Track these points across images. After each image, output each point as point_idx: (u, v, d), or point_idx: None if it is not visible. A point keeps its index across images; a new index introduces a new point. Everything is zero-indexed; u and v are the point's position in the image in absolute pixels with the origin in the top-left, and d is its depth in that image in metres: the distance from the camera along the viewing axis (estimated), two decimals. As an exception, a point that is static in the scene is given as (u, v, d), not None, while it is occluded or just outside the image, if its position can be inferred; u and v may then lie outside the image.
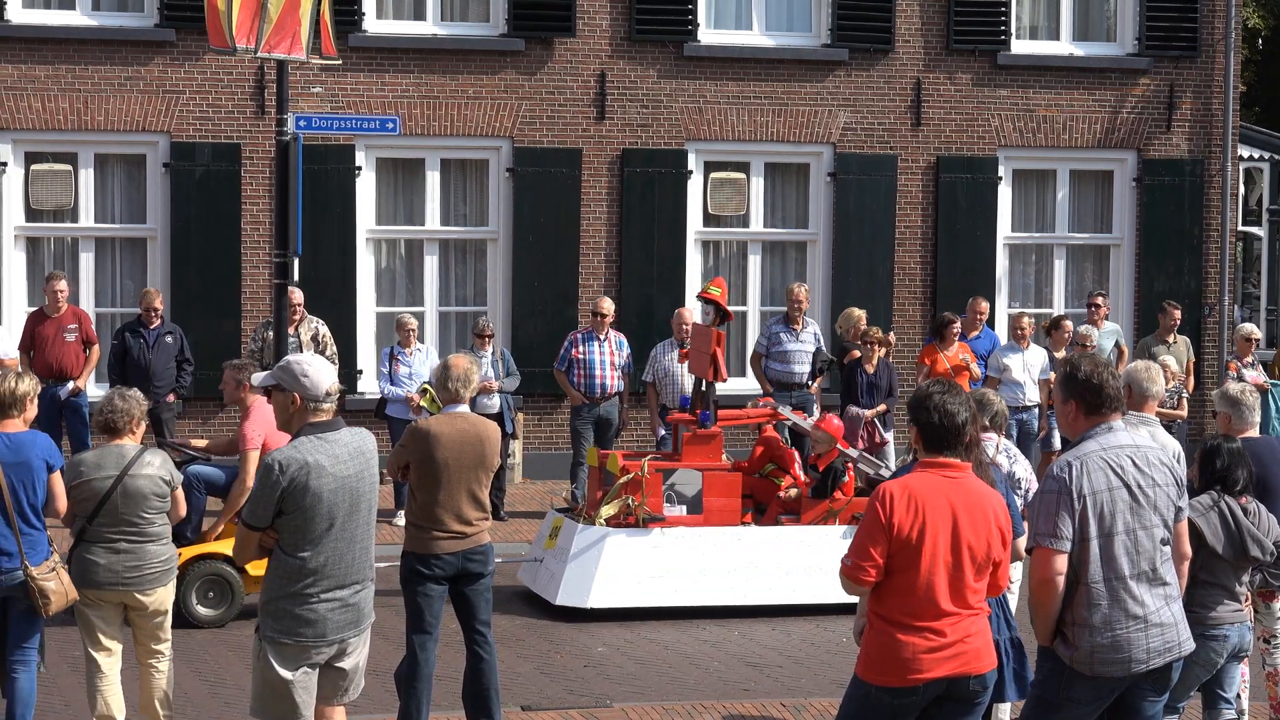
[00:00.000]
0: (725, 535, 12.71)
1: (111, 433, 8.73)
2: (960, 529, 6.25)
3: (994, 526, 6.33)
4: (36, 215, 17.47)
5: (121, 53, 17.31)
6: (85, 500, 8.55)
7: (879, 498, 6.26)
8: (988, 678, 6.36)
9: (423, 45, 17.93)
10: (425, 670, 8.77)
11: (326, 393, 6.96)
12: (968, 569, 6.25)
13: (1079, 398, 6.60)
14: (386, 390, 15.78)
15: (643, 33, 18.23)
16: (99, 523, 8.53)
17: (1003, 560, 6.40)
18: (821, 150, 18.81)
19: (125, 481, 8.52)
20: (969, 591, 6.27)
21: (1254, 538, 8.42)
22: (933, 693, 6.26)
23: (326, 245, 17.51)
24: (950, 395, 6.42)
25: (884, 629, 6.27)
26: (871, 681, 6.30)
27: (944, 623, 6.22)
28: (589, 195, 18.29)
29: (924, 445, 6.41)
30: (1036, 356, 16.64)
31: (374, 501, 7.14)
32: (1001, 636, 7.34)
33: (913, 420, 6.44)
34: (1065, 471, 6.44)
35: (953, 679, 6.25)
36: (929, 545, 6.20)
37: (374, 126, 14.90)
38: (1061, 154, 19.43)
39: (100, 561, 8.53)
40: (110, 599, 8.61)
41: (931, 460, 6.38)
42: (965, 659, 6.26)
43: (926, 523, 6.21)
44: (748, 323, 18.80)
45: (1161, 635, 6.46)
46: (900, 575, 6.22)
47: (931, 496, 6.26)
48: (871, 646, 6.33)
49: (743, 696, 10.43)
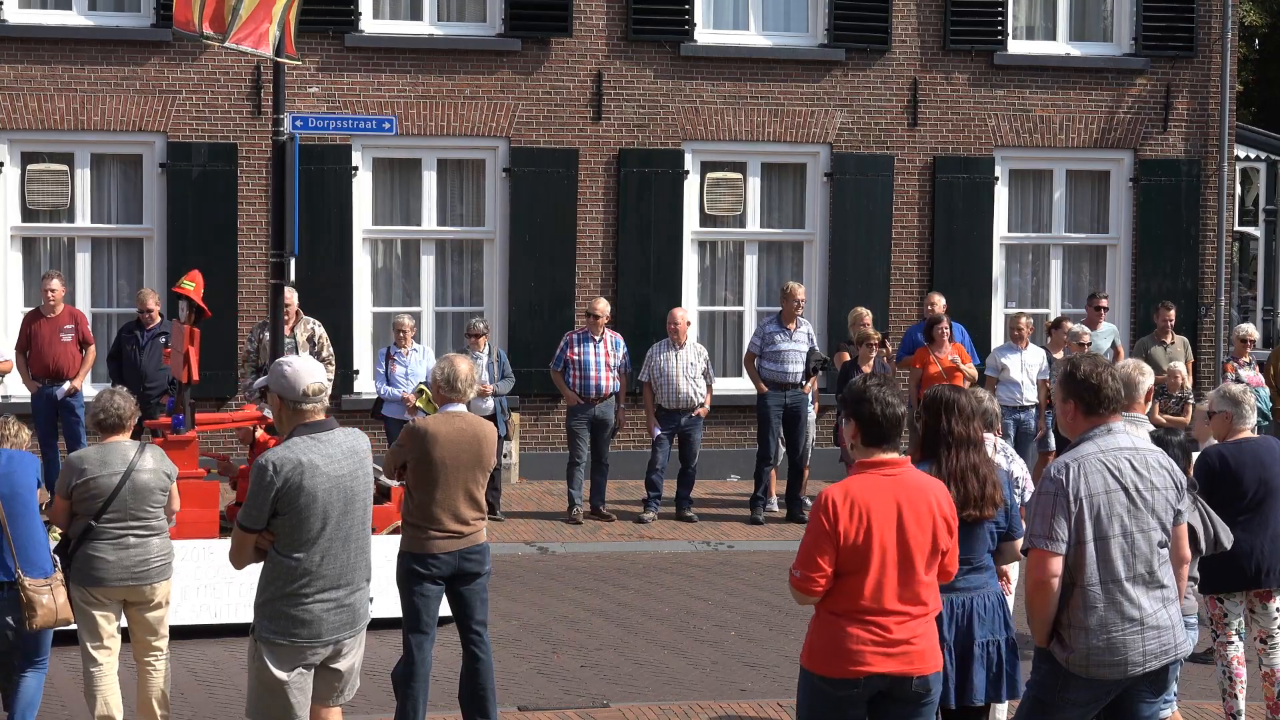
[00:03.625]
0: (196, 549, 11.64)
1: (110, 430, 8.79)
2: (906, 525, 6.29)
3: (938, 516, 6.38)
4: (33, 215, 17.46)
5: (118, 53, 17.30)
6: (92, 498, 8.58)
7: (822, 507, 6.28)
8: (931, 679, 6.38)
9: (419, 45, 17.92)
10: (422, 670, 8.76)
11: (304, 392, 6.94)
12: (917, 564, 6.30)
13: (1077, 397, 6.60)
14: (382, 390, 15.77)
15: (639, 33, 18.23)
16: (107, 519, 8.57)
17: (950, 548, 6.45)
18: (818, 150, 18.81)
19: (133, 477, 8.62)
20: (919, 586, 6.31)
21: (1223, 529, 8.51)
22: (874, 688, 6.28)
23: (323, 245, 17.50)
24: (888, 388, 6.45)
25: (829, 619, 6.31)
26: (813, 671, 6.36)
27: (891, 619, 6.26)
28: (585, 195, 18.29)
29: (863, 440, 6.41)
30: (1035, 356, 16.64)
31: (368, 501, 7.13)
32: (999, 637, 7.34)
33: (852, 415, 6.42)
34: (1062, 473, 6.43)
35: (895, 678, 6.28)
36: (876, 547, 6.24)
37: (370, 126, 14.88)
38: (1058, 154, 19.44)
39: (109, 558, 8.57)
40: (116, 595, 8.66)
41: (869, 460, 6.40)
42: (909, 659, 6.29)
43: (872, 525, 6.24)
44: (744, 323, 18.80)
45: (1158, 638, 6.46)
46: (850, 577, 6.27)
47: (874, 498, 6.29)
48: (815, 637, 6.37)
49: (739, 697, 10.43)
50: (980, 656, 7.28)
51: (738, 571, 14.43)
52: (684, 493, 16.39)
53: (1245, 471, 9.18)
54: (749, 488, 17.00)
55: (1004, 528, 7.40)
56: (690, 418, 16.18)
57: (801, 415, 16.43)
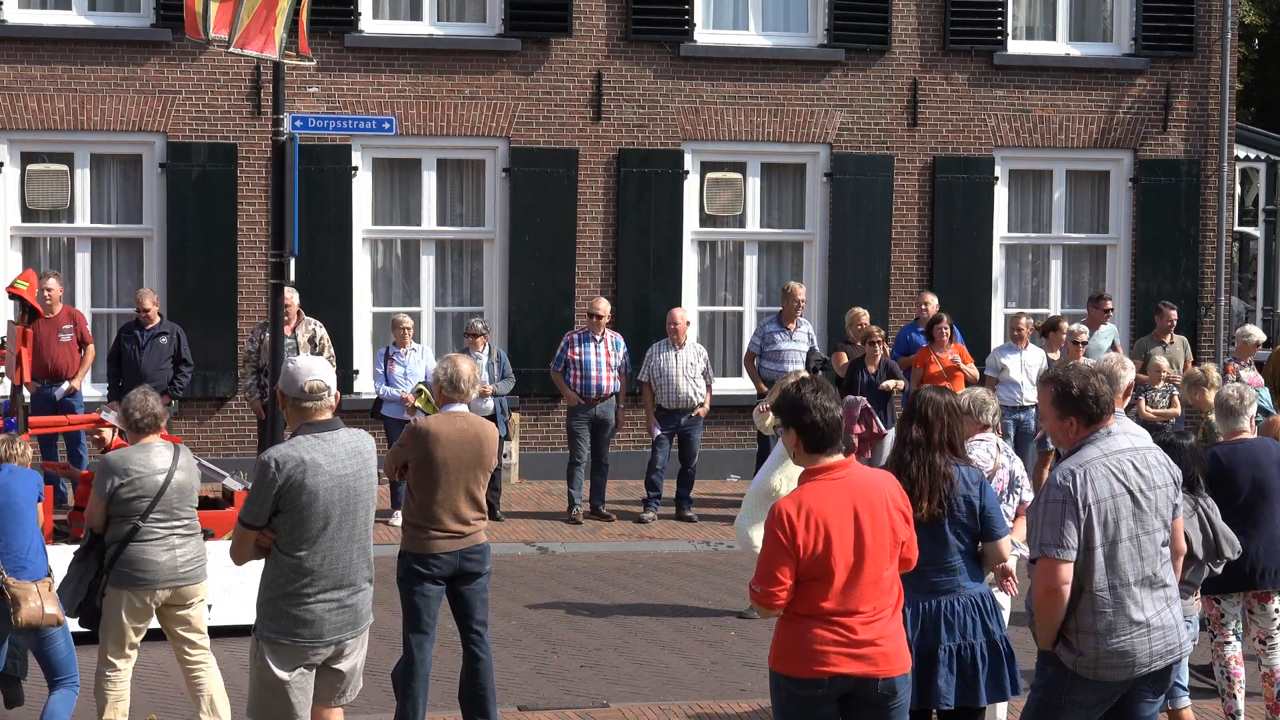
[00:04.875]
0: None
1: (146, 431, 8.72)
2: (863, 526, 6.31)
3: (893, 509, 6.41)
4: (32, 215, 17.45)
5: (118, 53, 17.29)
6: (140, 498, 8.53)
7: (777, 521, 6.26)
8: (897, 681, 6.38)
9: (419, 45, 17.91)
10: (422, 670, 8.77)
11: (302, 388, 6.94)
12: (880, 561, 6.33)
13: (1079, 412, 6.52)
14: (382, 390, 15.77)
15: (639, 33, 18.23)
16: (153, 520, 8.53)
17: (908, 537, 6.48)
18: (818, 150, 18.81)
19: (176, 476, 8.60)
20: (881, 583, 6.33)
21: (1226, 538, 8.50)
22: (839, 689, 6.29)
23: (323, 245, 17.50)
24: (823, 393, 6.43)
25: (794, 619, 6.34)
26: (779, 671, 6.38)
27: (855, 620, 6.28)
28: (585, 195, 18.28)
29: (805, 448, 6.40)
30: (1034, 357, 16.64)
31: (371, 503, 7.13)
32: (974, 640, 7.35)
33: (791, 424, 6.40)
34: (1069, 480, 6.37)
35: (860, 679, 6.29)
36: (838, 553, 6.25)
37: (370, 126, 14.89)
38: (1058, 154, 19.44)
39: (159, 559, 8.54)
40: (160, 597, 8.61)
41: (816, 467, 6.39)
42: (874, 661, 6.31)
43: (830, 533, 6.25)
44: (744, 323, 18.80)
45: (1164, 638, 6.45)
46: (812, 583, 6.28)
47: (829, 505, 6.29)
48: (781, 637, 6.40)
49: (739, 697, 10.43)
50: (946, 661, 7.26)
51: (738, 571, 14.41)
52: (684, 493, 16.39)
53: (1239, 472, 9.19)
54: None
55: (972, 526, 7.39)
56: (690, 418, 16.18)
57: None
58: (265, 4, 11.80)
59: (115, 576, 8.55)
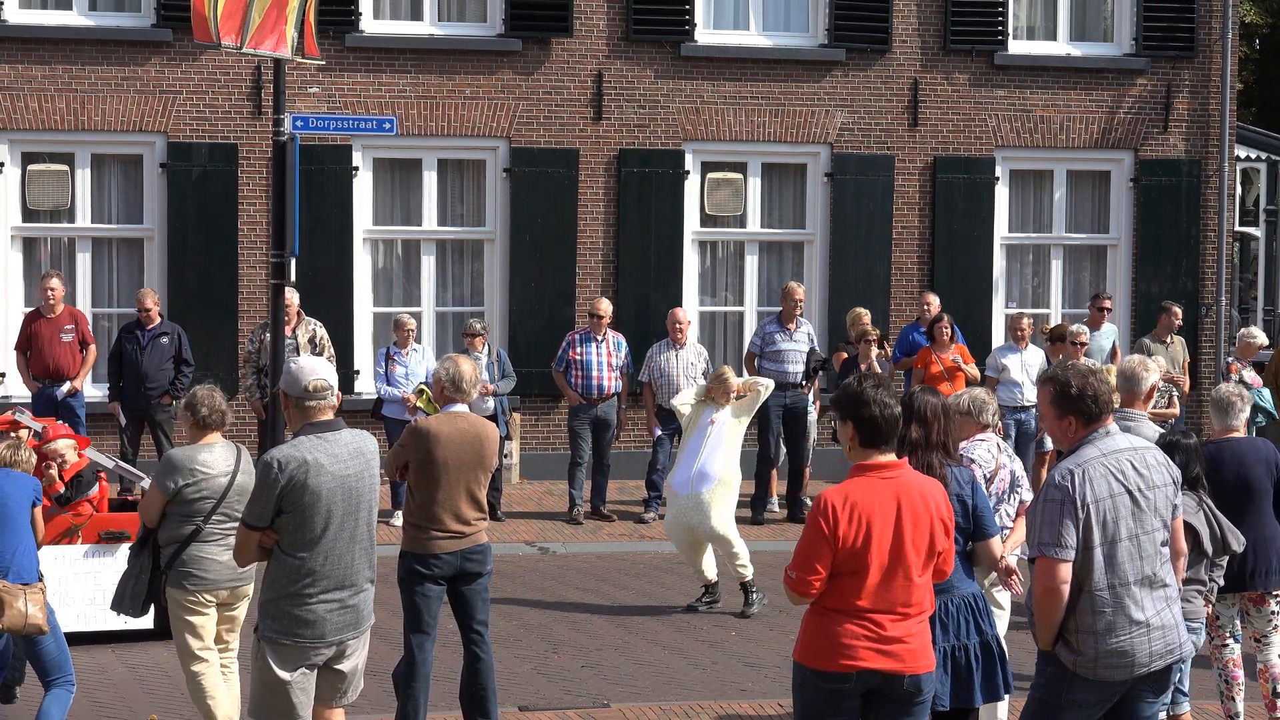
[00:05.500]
0: None
1: (210, 428, 8.50)
2: (904, 528, 6.30)
3: (936, 519, 6.39)
4: (33, 215, 17.46)
5: (118, 53, 17.30)
6: (204, 499, 8.35)
7: (821, 510, 6.27)
8: (923, 679, 6.39)
9: (419, 45, 17.92)
10: (423, 670, 8.76)
11: (305, 388, 6.94)
12: (914, 566, 6.32)
13: (1077, 412, 6.53)
14: (383, 391, 15.77)
15: (640, 33, 18.23)
16: (215, 520, 8.36)
17: (946, 549, 6.46)
18: (819, 150, 18.81)
19: (239, 477, 8.39)
20: (914, 587, 6.33)
21: (1231, 531, 8.51)
22: (866, 684, 6.30)
23: (323, 245, 17.50)
24: (884, 389, 6.44)
25: (823, 613, 6.33)
26: (806, 665, 6.37)
27: (885, 617, 6.28)
28: (586, 195, 18.28)
29: (860, 442, 6.40)
30: (1035, 357, 16.64)
31: (374, 503, 7.13)
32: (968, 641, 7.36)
33: (849, 417, 6.39)
34: (1068, 480, 6.38)
35: (887, 675, 6.30)
36: (875, 550, 6.25)
37: (371, 127, 14.90)
38: (1058, 154, 19.44)
39: (221, 560, 8.35)
40: (219, 598, 8.47)
41: (868, 463, 6.39)
42: (900, 658, 6.31)
43: (871, 529, 6.25)
44: (745, 323, 18.80)
45: (1163, 638, 6.45)
46: (846, 578, 6.28)
47: (873, 501, 6.29)
48: (809, 630, 6.39)
49: (740, 697, 10.43)
50: (940, 662, 7.26)
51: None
52: (685, 493, 16.37)
53: (1225, 469, 9.19)
54: (749, 488, 16.98)
55: (965, 526, 7.40)
56: (691, 418, 16.17)
57: (801, 415, 16.43)
58: (275, 4, 11.79)
59: (175, 577, 8.37)
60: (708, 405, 12.61)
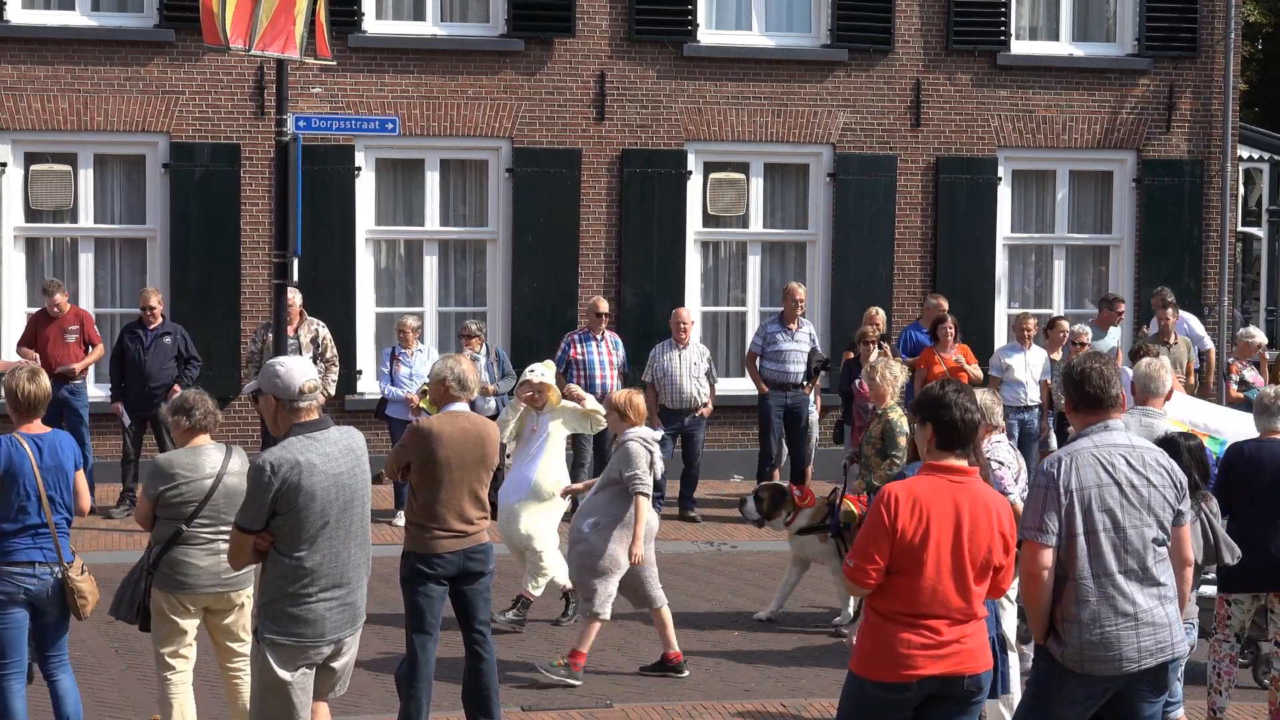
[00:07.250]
0: None
1: (198, 431, 8.45)
2: (963, 534, 6.27)
3: (997, 533, 6.36)
4: (36, 216, 17.46)
5: (121, 53, 17.30)
6: (185, 503, 8.29)
7: (884, 500, 6.29)
8: (982, 678, 6.39)
9: (422, 45, 17.92)
10: (425, 670, 8.76)
11: (300, 390, 6.93)
12: (969, 574, 6.29)
13: (1067, 394, 6.76)
14: (387, 391, 15.77)
15: (642, 33, 18.23)
16: (197, 524, 8.27)
17: (1005, 565, 6.43)
18: (821, 151, 18.81)
19: (224, 480, 8.31)
20: (970, 595, 6.31)
21: (1226, 544, 8.49)
22: (926, 690, 6.28)
23: (326, 246, 17.50)
24: (967, 394, 6.49)
25: (881, 624, 6.30)
26: (865, 676, 6.34)
27: (941, 622, 6.26)
28: (588, 196, 18.28)
29: (937, 444, 6.40)
30: (1038, 357, 16.64)
31: (367, 498, 7.12)
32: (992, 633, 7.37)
33: (929, 419, 6.41)
34: (1054, 467, 6.50)
35: (947, 678, 6.28)
36: (932, 550, 6.23)
37: (373, 127, 14.89)
38: (1061, 154, 19.43)
39: (201, 564, 8.28)
40: (201, 602, 8.39)
41: (939, 464, 6.39)
42: (960, 658, 6.29)
43: (930, 527, 6.23)
44: (747, 323, 18.79)
45: (1154, 635, 6.47)
46: (902, 577, 6.26)
47: (936, 501, 6.28)
48: (867, 641, 6.36)
49: (743, 697, 10.43)
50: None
51: (741, 571, 14.44)
52: (687, 493, 16.39)
53: (1264, 468, 9.21)
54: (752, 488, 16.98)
55: None
56: (693, 418, 16.18)
57: (803, 416, 16.42)
58: (284, 4, 11.78)
59: (159, 578, 8.33)
60: (531, 412, 12.03)
